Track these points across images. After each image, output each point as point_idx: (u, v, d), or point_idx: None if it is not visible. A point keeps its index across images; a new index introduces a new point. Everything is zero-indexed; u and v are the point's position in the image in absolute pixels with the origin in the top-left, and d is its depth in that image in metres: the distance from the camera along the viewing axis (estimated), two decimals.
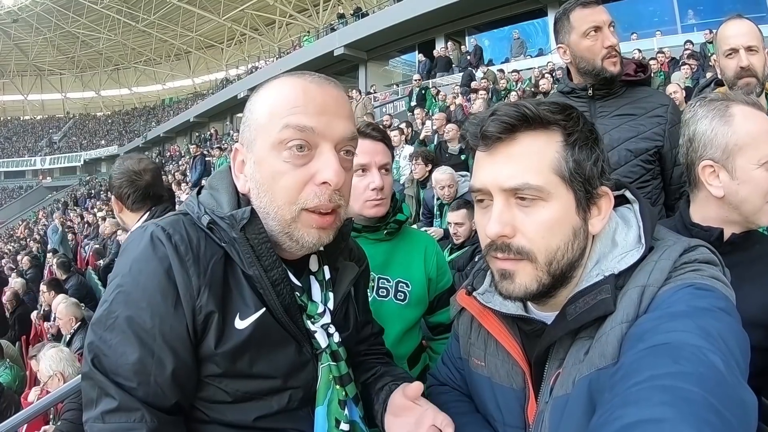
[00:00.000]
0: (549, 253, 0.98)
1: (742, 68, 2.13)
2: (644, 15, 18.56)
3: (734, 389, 0.74)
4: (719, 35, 2.27)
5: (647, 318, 0.89)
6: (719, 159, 1.45)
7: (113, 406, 0.95)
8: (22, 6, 46.51)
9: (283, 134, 1.01)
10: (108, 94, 61.54)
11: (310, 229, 1.05)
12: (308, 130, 1.01)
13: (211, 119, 37.98)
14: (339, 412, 1.15)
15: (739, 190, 1.43)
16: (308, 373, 1.13)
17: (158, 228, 1.02)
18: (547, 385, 1.03)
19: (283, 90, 1.05)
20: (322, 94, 1.05)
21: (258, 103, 1.07)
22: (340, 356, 1.17)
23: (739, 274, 1.07)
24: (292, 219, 1.04)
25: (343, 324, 1.23)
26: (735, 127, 1.42)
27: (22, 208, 45.06)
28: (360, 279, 1.35)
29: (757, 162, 1.40)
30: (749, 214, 1.44)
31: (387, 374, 1.30)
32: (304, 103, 1.02)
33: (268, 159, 1.03)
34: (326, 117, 1.03)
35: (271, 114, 1.03)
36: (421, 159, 6.55)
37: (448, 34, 22.13)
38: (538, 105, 0.99)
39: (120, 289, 0.99)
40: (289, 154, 1.02)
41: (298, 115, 1.01)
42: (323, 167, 1.02)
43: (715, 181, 1.46)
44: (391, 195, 1.91)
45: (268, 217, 1.05)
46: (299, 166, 1.02)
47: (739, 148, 1.41)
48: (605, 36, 2.11)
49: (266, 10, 39.46)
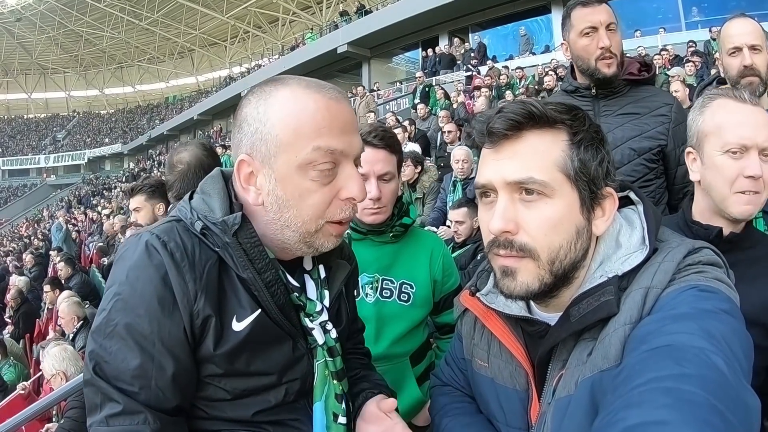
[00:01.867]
0: (552, 252, 0.98)
1: (746, 67, 2.11)
2: (648, 12, 18.49)
3: (737, 392, 0.73)
4: (722, 34, 2.25)
5: (650, 320, 0.89)
6: (695, 146, 1.54)
7: (117, 410, 0.97)
8: (26, 5, 46.59)
9: (312, 156, 1.03)
10: (112, 92, 61.61)
11: (330, 237, 1.11)
12: (337, 153, 1.05)
13: (214, 117, 38.01)
14: (336, 406, 1.17)
15: (706, 176, 1.51)
16: (303, 366, 1.16)
17: (153, 236, 1.03)
18: (550, 386, 1.03)
19: (307, 107, 1.04)
20: (342, 112, 1.07)
21: (275, 117, 1.04)
22: (337, 352, 1.20)
23: (739, 273, 1.07)
24: (315, 230, 1.08)
25: (336, 320, 1.25)
26: (705, 116, 1.51)
27: (26, 207, 45.23)
28: (350, 277, 1.38)
29: (720, 149, 1.46)
30: (718, 202, 1.49)
31: (365, 379, 1.36)
32: (329, 124, 1.04)
33: (295, 178, 1.05)
34: (348, 137, 1.07)
35: (297, 134, 1.03)
36: (410, 160, 6.44)
37: (452, 31, 22.11)
38: (544, 104, 1.00)
39: (118, 297, 1.00)
40: (317, 174, 1.04)
41: (325, 137, 1.03)
42: (348, 184, 1.07)
43: (694, 166, 1.56)
44: (394, 201, 1.91)
45: (288, 230, 1.08)
46: (326, 184, 1.06)
47: (704, 135, 1.50)
48: (600, 36, 2.11)
49: (269, 7, 39.45)
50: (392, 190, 1.88)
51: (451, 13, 20.60)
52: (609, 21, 2.11)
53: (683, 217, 1.59)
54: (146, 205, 3.53)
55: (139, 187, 3.61)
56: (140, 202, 3.55)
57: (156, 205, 3.54)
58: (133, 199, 3.63)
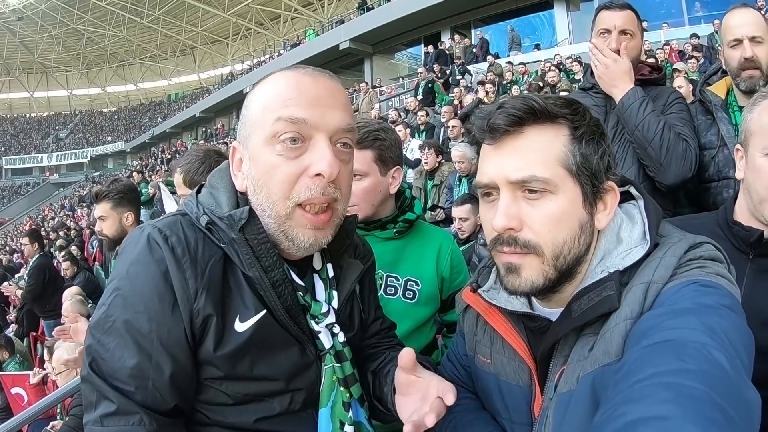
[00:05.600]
0: (556, 247, 0.98)
1: (746, 59, 2.07)
2: (651, 7, 18.43)
3: (738, 387, 0.73)
4: (723, 25, 2.20)
5: (651, 315, 0.89)
6: (743, 143, 1.48)
7: (112, 410, 0.94)
8: (27, 4, 46.70)
9: (275, 127, 1.00)
10: (114, 91, 61.77)
11: (305, 229, 1.03)
12: (300, 122, 0.99)
13: (217, 114, 38.07)
14: (343, 414, 1.13)
15: (748, 176, 1.44)
16: (312, 374, 1.12)
17: (155, 230, 1.01)
18: (552, 381, 1.03)
19: (277, 84, 1.04)
20: (315, 85, 1.03)
21: (253, 100, 1.06)
22: (345, 357, 1.16)
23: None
24: (286, 216, 1.02)
25: (347, 323, 1.22)
26: (753, 114, 1.43)
27: (29, 205, 45.34)
28: (365, 276, 1.33)
29: (761, 150, 1.40)
30: (756, 203, 1.43)
31: (395, 358, 1.26)
32: (296, 96, 1.01)
33: (263, 154, 1.02)
34: (320, 108, 1.01)
35: (264, 108, 1.02)
36: (433, 149, 6.56)
37: (454, 27, 22.08)
38: (545, 99, 0.99)
39: (117, 293, 0.99)
40: (282, 147, 1.00)
41: (290, 107, 1.00)
42: (317, 159, 1.00)
43: (741, 164, 1.49)
44: (370, 200, 1.84)
45: (265, 215, 1.04)
46: (293, 158, 1.00)
47: (751, 134, 1.43)
48: (612, 39, 2.20)
49: (271, 4, 39.48)
50: (362, 188, 1.80)
51: (453, 9, 20.62)
52: (624, 27, 2.20)
53: (724, 215, 1.52)
54: (112, 213, 3.14)
55: (104, 193, 3.16)
56: (105, 210, 3.14)
57: (124, 215, 3.15)
58: (98, 207, 3.19)
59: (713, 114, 2.17)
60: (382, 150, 1.85)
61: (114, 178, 3.41)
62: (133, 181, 14.54)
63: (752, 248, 1.43)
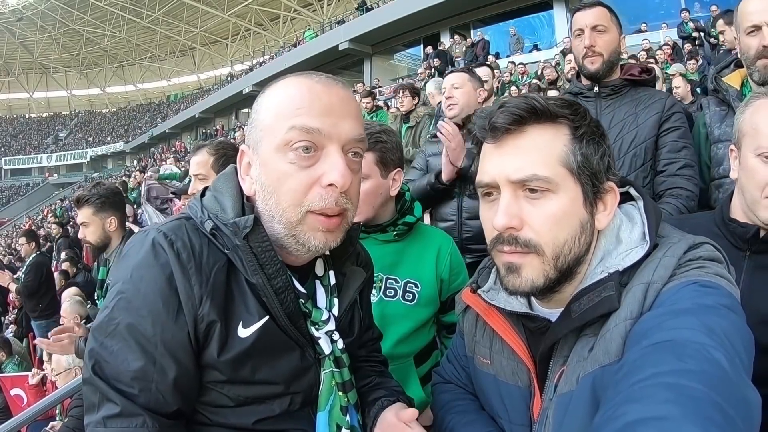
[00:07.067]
0: (556, 247, 0.98)
1: (765, 47, 1.92)
2: (650, 7, 18.44)
3: (738, 387, 0.73)
4: (740, 11, 2.01)
5: (651, 315, 0.89)
6: (736, 143, 1.49)
7: (115, 412, 0.94)
8: (27, 4, 46.60)
9: (288, 136, 0.99)
10: (113, 91, 61.67)
11: (317, 232, 1.03)
12: (314, 131, 0.99)
13: (216, 115, 38.05)
14: (341, 418, 1.14)
15: (741, 176, 1.46)
16: (310, 377, 1.13)
17: (160, 234, 1.01)
18: (552, 382, 1.03)
19: (289, 91, 1.04)
20: (328, 94, 1.03)
21: (263, 105, 1.05)
22: (344, 363, 1.16)
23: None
24: (297, 221, 1.02)
25: (347, 330, 1.22)
26: (745, 115, 1.44)
27: (28, 206, 45.27)
28: (365, 284, 1.33)
29: (753, 151, 1.40)
30: (750, 204, 1.43)
31: (381, 386, 1.30)
32: (309, 104, 1.01)
33: (274, 161, 1.01)
34: (332, 118, 1.01)
35: (277, 115, 1.02)
36: (408, 91, 6.28)
37: (453, 27, 22.06)
38: (546, 99, 1.00)
39: (121, 296, 0.98)
40: (294, 156, 1.00)
41: (303, 116, 0.99)
42: (329, 169, 1.00)
43: (734, 164, 1.50)
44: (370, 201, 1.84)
45: (274, 220, 1.03)
46: (305, 167, 1.00)
47: (743, 135, 1.44)
48: (585, 37, 2.33)
49: (271, 5, 39.44)
50: (363, 190, 1.75)
51: (452, 10, 20.58)
52: (595, 23, 2.30)
53: (720, 213, 1.53)
54: (95, 219, 3.03)
55: (86, 198, 3.04)
56: (87, 216, 3.03)
57: (107, 220, 3.04)
58: (80, 212, 3.10)
59: (729, 104, 2.10)
60: (383, 152, 1.85)
61: (96, 182, 3.30)
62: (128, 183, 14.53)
63: (749, 245, 1.44)
